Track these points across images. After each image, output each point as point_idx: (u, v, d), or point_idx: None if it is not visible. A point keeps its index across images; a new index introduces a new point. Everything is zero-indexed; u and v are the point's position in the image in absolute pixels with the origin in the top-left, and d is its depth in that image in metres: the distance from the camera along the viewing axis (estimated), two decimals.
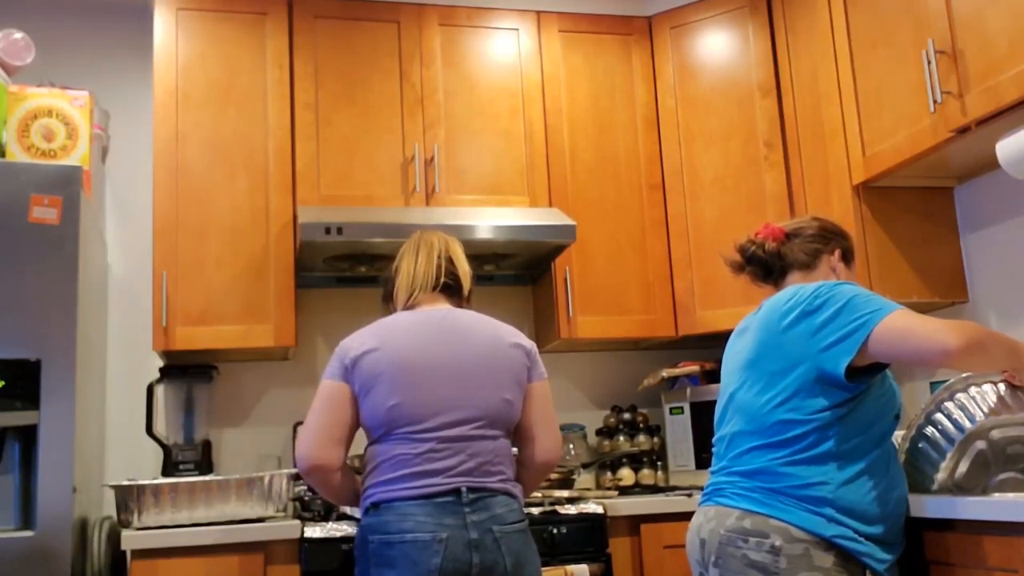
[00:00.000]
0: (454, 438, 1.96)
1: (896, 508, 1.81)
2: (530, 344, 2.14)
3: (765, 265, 2.10)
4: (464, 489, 1.93)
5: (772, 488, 1.79)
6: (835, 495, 1.75)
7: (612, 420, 3.40)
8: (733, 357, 2.03)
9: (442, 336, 2.04)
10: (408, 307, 2.15)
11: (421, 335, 2.03)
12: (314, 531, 2.45)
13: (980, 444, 1.85)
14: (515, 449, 2.14)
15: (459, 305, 2.19)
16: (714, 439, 2.03)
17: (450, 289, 2.17)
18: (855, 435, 1.79)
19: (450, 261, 2.18)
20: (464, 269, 2.20)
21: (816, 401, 1.79)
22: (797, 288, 1.92)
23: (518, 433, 2.12)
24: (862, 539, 1.75)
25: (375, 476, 1.98)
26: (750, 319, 2.04)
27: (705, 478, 3.13)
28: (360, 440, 2.15)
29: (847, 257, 2.08)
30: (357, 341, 2.04)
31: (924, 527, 1.86)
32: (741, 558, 1.76)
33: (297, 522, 2.48)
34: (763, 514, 1.77)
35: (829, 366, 1.78)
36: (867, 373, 1.80)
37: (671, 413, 3.30)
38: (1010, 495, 1.71)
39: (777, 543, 1.74)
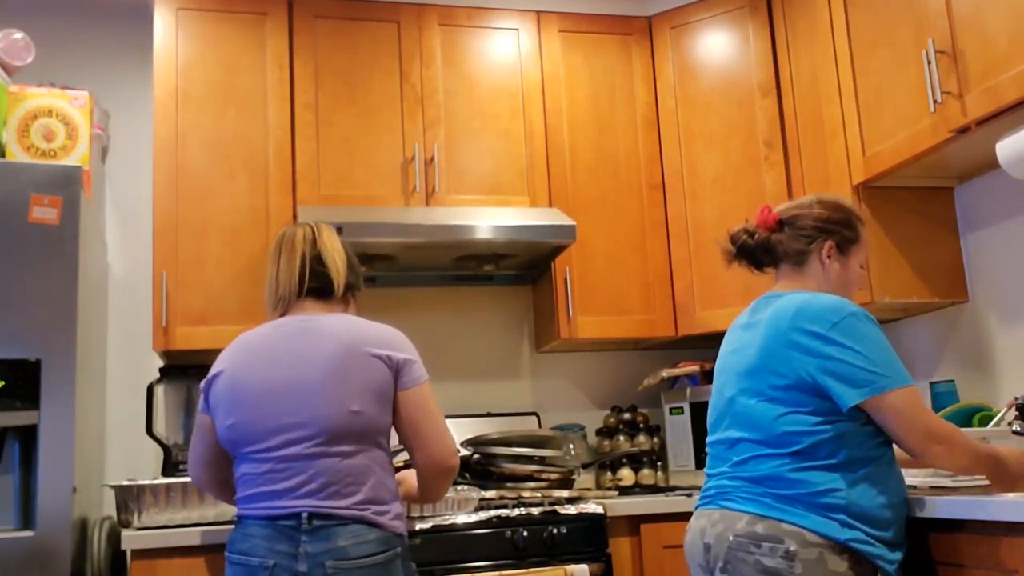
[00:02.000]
0: (294, 457, 1.85)
1: (901, 510, 1.81)
2: (392, 350, 1.93)
3: (754, 255, 2.04)
4: (305, 515, 1.81)
5: (783, 494, 1.76)
6: (848, 501, 1.73)
7: (612, 420, 3.40)
8: (731, 356, 1.97)
9: (287, 349, 1.91)
10: (278, 316, 2.03)
11: (262, 351, 1.93)
12: None
13: None
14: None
15: (335, 306, 2.05)
16: (709, 440, 1.99)
17: (320, 292, 2.02)
18: (864, 442, 1.78)
19: (317, 260, 2.01)
20: (336, 264, 2.02)
21: (825, 416, 1.77)
22: (807, 299, 1.85)
23: (402, 442, 1.98)
24: (874, 541, 1.74)
25: (237, 494, 1.95)
26: (751, 317, 1.97)
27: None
28: None
29: (843, 248, 1.99)
30: (214, 365, 2.00)
31: (931, 528, 1.85)
32: (754, 564, 1.73)
33: None
34: (775, 519, 1.74)
35: (836, 398, 1.77)
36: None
37: (671, 413, 3.30)
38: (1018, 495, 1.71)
39: (792, 548, 1.71)
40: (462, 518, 2.55)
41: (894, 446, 1.85)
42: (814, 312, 1.81)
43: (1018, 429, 2.22)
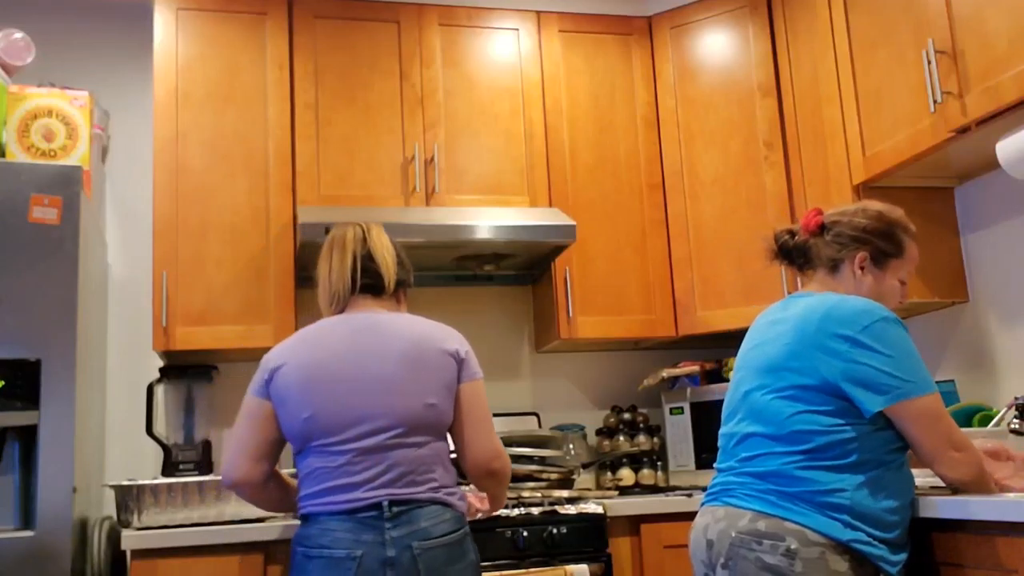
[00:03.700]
0: (372, 448, 1.89)
1: (906, 513, 1.80)
2: (458, 345, 2.03)
3: (791, 256, 2.03)
4: (386, 503, 1.87)
5: (787, 491, 1.76)
6: (852, 502, 1.73)
7: (612, 420, 3.40)
8: (751, 352, 1.95)
9: (358, 344, 1.96)
10: (334, 314, 2.07)
11: (336, 344, 1.96)
12: None
13: None
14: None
15: (389, 302, 2.09)
16: (721, 432, 1.98)
17: (372, 288, 2.06)
18: (877, 447, 1.77)
19: (368, 257, 2.06)
20: (386, 262, 2.07)
21: (842, 418, 1.77)
22: (838, 301, 1.83)
23: (452, 439, 2.03)
24: (876, 543, 1.73)
25: (303, 489, 1.95)
26: (777, 315, 1.94)
27: (705, 478, 3.13)
28: None
29: (878, 260, 1.95)
30: (275, 353, 2.00)
31: (932, 528, 1.85)
32: (755, 561, 1.73)
33: (297, 522, 2.48)
34: (778, 516, 1.74)
35: (859, 404, 1.76)
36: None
37: (671, 413, 3.30)
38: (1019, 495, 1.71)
39: (793, 546, 1.71)
40: None
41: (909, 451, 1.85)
42: (844, 315, 1.80)
43: (1018, 428, 2.22)
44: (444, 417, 1.98)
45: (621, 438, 3.34)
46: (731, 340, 3.24)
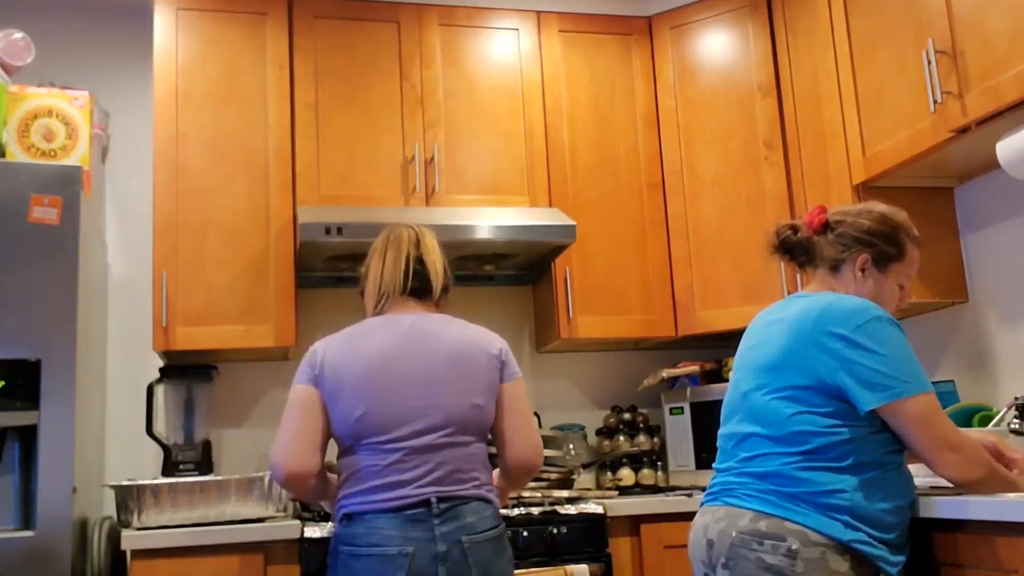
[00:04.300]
0: (422, 447, 1.92)
1: (906, 514, 1.80)
2: (500, 346, 2.08)
3: (793, 253, 2.03)
4: (434, 499, 1.90)
5: (788, 492, 1.76)
6: (852, 503, 1.73)
7: (612, 420, 3.40)
8: (749, 352, 1.95)
9: (408, 344, 1.99)
10: (377, 313, 2.09)
11: (387, 343, 1.99)
12: (314, 531, 2.46)
13: None
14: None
15: (431, 306, 2.12)
16: (720, 432, 1.98)
17: (419, 292, 2.10)
18: (875, 449, 1.77)
19: (419, 260, 2.09)
20: (435, 267, 2.11)
21: (840, 419, 1.77)
22: (834, 300, 1.83)
23: (493, 437, 2.07)
24: (877, 543, 1.73)
25: (346, 488, 1.95)
26: (776, 315, 1.94)
27: (705, 478, 3.13)
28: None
29: (880, 263, 1.94)
30: (324, 346, 2.01)
31: (932, 528, 1.85)
32: (756, 561, 1.73)
33: (297, 522, 2.48)
34: (779, 517, 1.74)
35: (854, 402, 1.76)
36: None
37: (671, 413, 3.30)
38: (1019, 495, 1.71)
39: (794, 546, 1.71)
40: None
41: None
42: (839, 313, 1.80)
43: (1018, 428, 2.22)
44: (487, 418, 2.02)
45: (621, 438, 3.34)
46: (731, 340, 3.24)
